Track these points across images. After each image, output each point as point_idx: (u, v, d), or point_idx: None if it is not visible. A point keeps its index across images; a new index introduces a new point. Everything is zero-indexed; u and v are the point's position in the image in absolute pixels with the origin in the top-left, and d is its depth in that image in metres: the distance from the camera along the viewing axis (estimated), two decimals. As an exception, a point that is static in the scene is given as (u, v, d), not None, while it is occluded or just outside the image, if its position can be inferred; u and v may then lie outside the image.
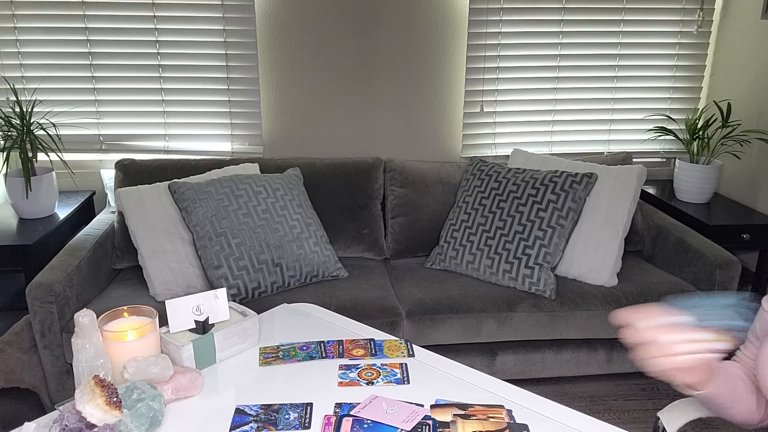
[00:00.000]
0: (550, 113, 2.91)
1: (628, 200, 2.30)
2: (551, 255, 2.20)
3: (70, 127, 2.68)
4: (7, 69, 2.59)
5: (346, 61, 2.74)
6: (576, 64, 2.84)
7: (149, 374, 1.03)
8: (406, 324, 2.13)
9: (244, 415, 1.04)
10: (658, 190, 2.90)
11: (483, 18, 2.72)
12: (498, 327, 2.16)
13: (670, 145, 3.01)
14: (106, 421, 0.90)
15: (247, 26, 2.63)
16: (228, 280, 2.09)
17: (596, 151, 2.98)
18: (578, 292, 2.21)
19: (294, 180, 2.39)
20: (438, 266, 2.42)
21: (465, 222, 2.37)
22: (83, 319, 1.01)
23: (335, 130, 2.83)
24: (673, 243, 2.42)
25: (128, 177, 2.45)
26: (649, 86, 2.92)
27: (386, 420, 1.00)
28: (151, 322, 1.10)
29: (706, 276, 2.24)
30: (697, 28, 2.84)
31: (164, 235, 2.19)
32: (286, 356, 1.22)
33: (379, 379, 1.14)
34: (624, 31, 2.82)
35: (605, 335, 2.21)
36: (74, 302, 2.05)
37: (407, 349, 1.24)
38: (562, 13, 2.76)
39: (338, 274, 2.32)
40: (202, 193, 2.19)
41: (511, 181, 2.35)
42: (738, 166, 2.78)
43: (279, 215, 2.24)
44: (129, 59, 2.63)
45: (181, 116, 2.73)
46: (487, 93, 2.83)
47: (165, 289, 2.14)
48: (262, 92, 2.74)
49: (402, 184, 2.57)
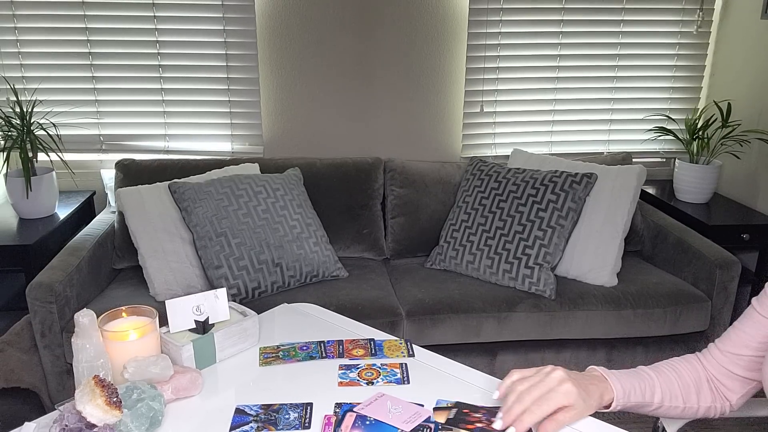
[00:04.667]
0: (550, 113, 2.91)
1: (628, 200, 2.30)
2: (551, 255, 2.20)
3: (70, 127, 2.69)
4: (7, 69, 2.60)
5: (346, 61, 2.74)
6: (576, 64, 2.84)
7: (149, 374, 1.03)
8: (406, 324, 2.13)
9: (244, 415, 1.04)
10: (658, 190, 2.90)
11: (483, 18, 2.72)
12: (498, 327, 2.16)
13: (670, 145, 3.01)
14: (106, 421, 0.90)
15: (247, 26, 2.63)
16: (228, 280, 2.09)
17: (596, 151, 2.98)
18: (578, 292, 2.21)
19: (294, 180, 2.39)
20: (438, 266, 2.42)
21: (465, 222, 2.37)
22: (83, 319, 1.01)
23: (335, 130, 2.83)
24: (673, 243, 2.42)
25: (128, 177, 2.45)
26: (649, 86, 2.92)
27: (388, 419, 1.00)
28: (151, 322, 1.10)
29: (706, 276, 2.24)
30: (697, 28, 2.84)
31: (164, 235, 2.19)
32: (286, 356, 1.22)
33: (379, 379, 1.14)
34: (624, 31, 2.82)
35: (605, 335, 2.21)
36: (74, 302, 2.05)
37: (407, 349, 1.24)
38: (562, 13, 2.76)
39: (338, 274, 2.32)
40: (202, 193, 2.19)
41: (511, 181, 2.35)
42: (738, 166, 2.78)
43: (279, 215, 2.24)
44: (129, 59, 2.63)
45: (181, 116, 2.73)
46: (487, 93, 2.83)
47: (165, 289, 2.14)
48: (262, 92, 2.74)
49: (402, 184, 2.57)
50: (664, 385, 1.05)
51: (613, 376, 1.01)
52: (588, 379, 0.99)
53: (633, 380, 1.02)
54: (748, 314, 1.07)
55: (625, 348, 2.26)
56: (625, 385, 1.01)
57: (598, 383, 1.00)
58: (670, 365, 1.09)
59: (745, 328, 1.06)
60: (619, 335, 2.22)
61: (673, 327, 2.22)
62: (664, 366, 1.09)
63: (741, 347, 1.06)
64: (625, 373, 1.04)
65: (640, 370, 1.07)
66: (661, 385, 1.05)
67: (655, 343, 2.27)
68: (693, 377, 1.08)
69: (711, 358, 1.09)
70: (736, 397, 1.08)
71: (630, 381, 1.02)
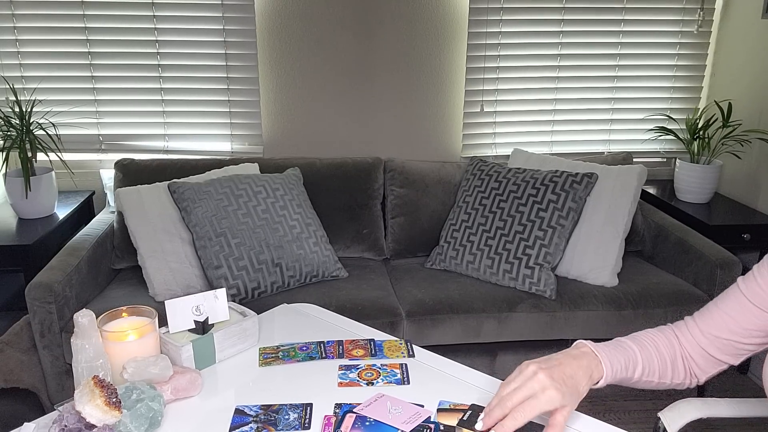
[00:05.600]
0: (551, 113, 2.90)
1: (628, 200, 2.30)
2: (551, 255, 2.20)
3: (70, 127, 2.68)
4: (6, 69, 2.59)
5: (346, 61, 2.73)
6: (576, 64, 2.84)
7: (149, 374, 1.03)
8: (406, 324, 2.13)
9: (243, 415, 1.03)
10: (658, 190, 2.90)
11: (483, 18, 2.71)
12: (498, 327, 2.16)
13: (671, 145, 3.01)
14: (105, 421, 0.90)
15: (247, 26, 2.63)
16: (228, 280, 2.09)
17: (596, 151, 2.97)
18: (578, 292, 2.21)
19: (294, 180, 2.39)
20: (438, 266, 2.42)
21: (465, 222, 2.37)
22: (82, 320, 1.01)
23: (335, 129, 2.83)
24: (674, 243, 2.42)
25: (128, 177, 2.45)
26: (650, 86, 2.92)
27: (388, 420, 1.00)
28: (150, 322, 1.09)
29: (707, 276, 2.24)
30: (698, 28, 2.84)
31: (164, 235, 2.19)
32: (286, 356, 1.22)
33: (379, 379, 1.14)
34: (624, 30, 2.81)
35: (606, 335, 2.21)
36: (74, 302, 2.04)
37: (407, 350, 1.24)
38: (563, 13, 2.76)
39: (338, 274, 2.31)
40: (201, 193, 2.18)
41: (512, 181, 2.35)
42: (738, 166, 2.78)
43: (279, 215, 2.24)
44: (129, 59, 2.63)
45: (181, 116, 2.73)
46: (487, 93, 2.83)
47: (164, 289, 2.13)
48: (262, 92, 2.74)
49: (402, 184, 2.57)
50: (645, 361, 1.04)
51: (603, 355, 0.99)
52: (573, 364, 0.96)
53: (620, 357, 1.01)
54: (733, 295, 1.04)
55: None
56: (613, 362, 0.99)
57: (588, 362, 0.97)
58: (651, 339, 1.07)
59: (729, 311, 1.03)
60: (619, 335, 2.21)
61: (673, 327, 2.22)
62: (646, 340, 1.07)
63: (723, 330, 1.03)
64: (612, 348, 1.01)
65: (623, 343, 1.05)
66: (642, 361, 1.03)
67: (655, 344, 2.26)
68: (669, 353, 1.07)
69: (690, 336, 1.07)
70: (705, 376, 1.08)
71: (617, 358, 1.00)
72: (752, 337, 1.02)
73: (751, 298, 1.02)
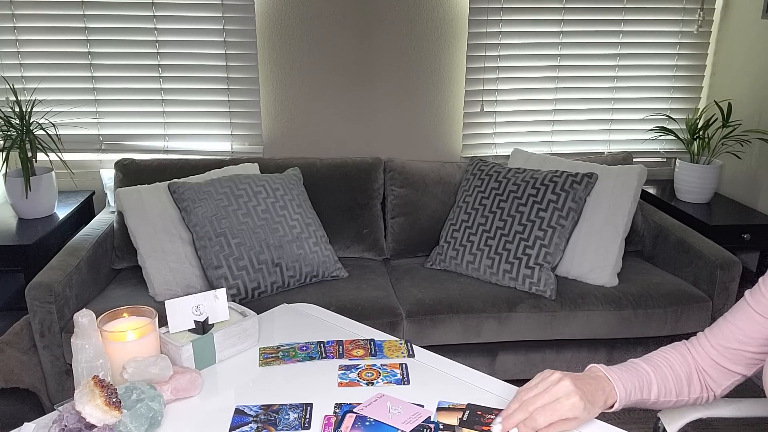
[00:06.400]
0: (551, 113, 2.90)
1: (628, 200, 2.30)
2: (551, 255, 2.20)
3: (70, 127, 2.68)
4: (6, 69, 2.59)
5: (346, 61, 2.73)
6: (576, 64, 2.84)
7: (149, 374, 1.03)
8: (406, 324, 2.13)
9: (243, 415, 1.03)
10: (658, 190, 2.90)
11: (483, 18, 2.72)
12: (498, 327, 2.16)
13: (671, 145, 3.01)
14: (105, 421, 0.90)
15: (246, 26, 2.63)
16: (228, 280, 2.09)
17: (596, 151, 2.97)
18: (578, 292, 2.21)
19: (294, 180, 2.39)
20: (438, 266, 2.42)
21: (465, 222, 2.37)
22: (82, 320, 1.01)
23: (335, 129, 2.83)
24: (674, 243, 2.42)
25: (128, 177, 2.45)
26: (650, 86, 2.92)
27: (388, 420, 1.00)
28: (150, 322, 1.09)
29: (707, 276, 2.24)
30: (698, 28, 2.84)
31: (164, 235, 2.19)
32: (286, 356, 1.22)
33: (379, 379, 1.14)
34: (624, 31, 2.81)
35: (606, 335, 2.21)
36: (74, 302, 2.04)
37: (407, 350, 1.24)
38: (563, 13, 2.76)
39: (338, 274, 2.31)
40: (201, 193, 2.18)
41: (512, 181, 2.35)
42: (738, 166, 2.78)
43: (279, 215, 2.24)
44: (129, 59, 2.63)
45: (181, 116, 2.73)
46: (487, 93, 2.83)
47: (164, 289, 2.13)
48: (262, 92, 2.74)
49: (402, 184, 2.57)
50: (660, 381, 1.05)
51: (616, 378, 1.01)
52: (593, 383, 0.98)
53: (633, 379, 1.02)
54: (740, 308, 1.07)
55: (625, 348, 2.26)
56: (627, 385, 1.01)
57: (603, 387, 0.99)
58: (664, 358, 1.09)
59: (737, 322, 1.06)
60: (619, 335, 2.21)
61: (673, 327, 2.22)
62: (659, 359, 1.09)
63: (732, 341, 1.06)
64: (624, 371, 1.03)
65: (636, 365, 1.06)
66: (657, 382, 1.05)
67: (655, 344, 2.25)
68: (685, 370, 1.09)
69: (701, 350, 1.10)
70: (720, 389, 1.10)
71: (630, 380, 1.02)
72: (761, 345, 1.05)
73: (757, 308, 1.05)
